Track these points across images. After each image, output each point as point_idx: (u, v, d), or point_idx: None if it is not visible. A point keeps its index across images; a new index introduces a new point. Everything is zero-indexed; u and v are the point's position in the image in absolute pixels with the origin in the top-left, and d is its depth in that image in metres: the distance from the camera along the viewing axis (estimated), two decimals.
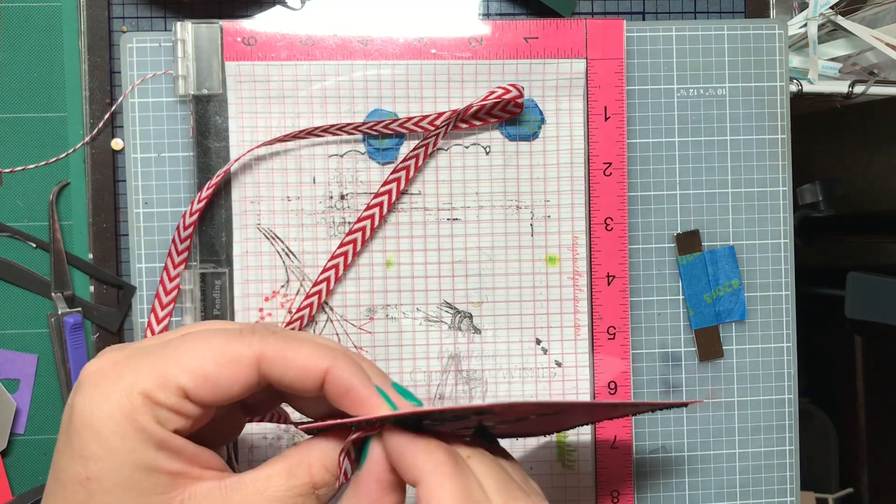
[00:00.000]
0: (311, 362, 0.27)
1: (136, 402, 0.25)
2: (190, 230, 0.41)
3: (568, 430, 0.42)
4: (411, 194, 0.43)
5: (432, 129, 0.42)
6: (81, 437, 0.25)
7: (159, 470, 0.25)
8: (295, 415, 0.33)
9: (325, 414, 0.30)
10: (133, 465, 0.25)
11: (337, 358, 0.27)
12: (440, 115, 0.41)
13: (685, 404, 0.38)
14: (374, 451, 0.27)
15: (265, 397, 0.31)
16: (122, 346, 0.28)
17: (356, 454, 0.28)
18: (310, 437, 0.29)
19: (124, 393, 0.25)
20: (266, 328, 0.28)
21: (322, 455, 0.28)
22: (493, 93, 0.41)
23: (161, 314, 0.41)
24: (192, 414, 0.26)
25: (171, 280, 0.41)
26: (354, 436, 0.28)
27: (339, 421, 0.28)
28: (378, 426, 0.28)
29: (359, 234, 0.42)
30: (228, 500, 0.26)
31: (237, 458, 0.42)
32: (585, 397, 0.43)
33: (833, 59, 0.51)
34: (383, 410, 0.27)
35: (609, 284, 0.43)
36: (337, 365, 0.27)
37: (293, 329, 0.35)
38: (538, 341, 0.43)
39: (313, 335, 0.29)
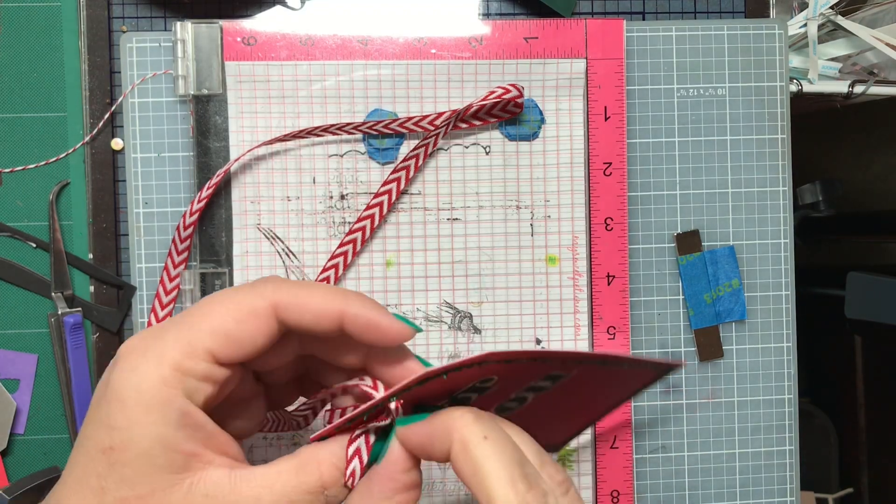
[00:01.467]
0: (324, 303, 0.28)
1: (165, 373, 0.26)
2: (190, 230, 0.41)
3: (571, 436, 0.41)
4: (411, 194, 0.43)
5: (432, 128, 0.42)
6: (110, 407, 0.26)
7: (175, 448, 0.26)
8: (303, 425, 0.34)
9: (357, 366, 0.30)
10: (152, 438, 0.26)
11: (349, 297, 0.28)
12: (440, 114, 0.41)
13: (676, 364, 0.37)
14: (393, 449, 0.28)
15: (290, 375, 0.31)
16: (152, 326, 0.28)
17: (368, 456, 0.28)
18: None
19: (153, 364, 0.26)
20: (277, 278, 0.29)
21: (332, 454, 0.28)
22: (492, 92, 0.41)
23: (161, 314, 0.41)
24: (220, 378, 0.27)
25: (171, 280, 0.41)
26: (359, 431, 0.28)
27: (349, 416, 0.28)
28: (388, 413, 0.28)
29: (359, 234, 0.42)
30: (236, 490, 0.26)
31: None
32: None
33: (833, 59, 0.51)
34: (406, 339, 0.28)
35: (609, 284, 0.43)
36: (350, 303, 0.28)
37: None
38: (538, 341, 0.43)
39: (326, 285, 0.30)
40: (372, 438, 0.29)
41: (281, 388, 0.32)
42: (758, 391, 0.45)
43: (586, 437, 0.43)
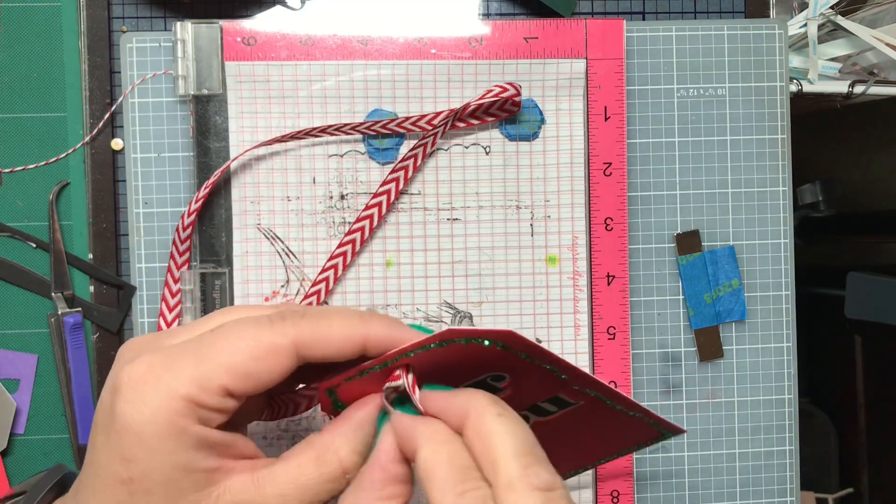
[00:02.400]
0: (347, 334, 0.27)
1: (178, 405, 0.26)
2: (189, 230, 0.41)
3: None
4: (411, 194, 0.43)
5: (430, 128, 0.42)
6: (122, 439, 0.26)
7: (197, 469, 0.26)
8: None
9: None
10: (172, 465, 0.26)
11: (371, 322, 0.28)
12: (438, 114, 0.41)
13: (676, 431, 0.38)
14: (384, 439, 0.28)
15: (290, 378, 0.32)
16: (152, 344, 0.28)
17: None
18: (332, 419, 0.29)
19: (165, 398, 0.26)
20: (294, 312, 0.28)
21: (348, 438, 0.28)
22: (490, 91, 0.41)
23: (170, 317, 0.41)
24: (232, 408, 0.27)
25: (175, 282, 0.41)
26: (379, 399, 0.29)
27: (358, 367, 0.28)
28: (405, 366, 0.28)
29: (358, 234, 0.42)
30: (262, 493, 0.27)
31: None
32: None
33: (833, 59, 0.51)
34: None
35: (609, 284, 0.43)
36: (373, 328, 0.28)
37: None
38: (538, 341, 0.43)
39: (338, 307, 0.29)
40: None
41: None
42: (758, 391, 0.45)
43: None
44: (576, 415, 0.33)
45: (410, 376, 0.28)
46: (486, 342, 0.28)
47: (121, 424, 0.26)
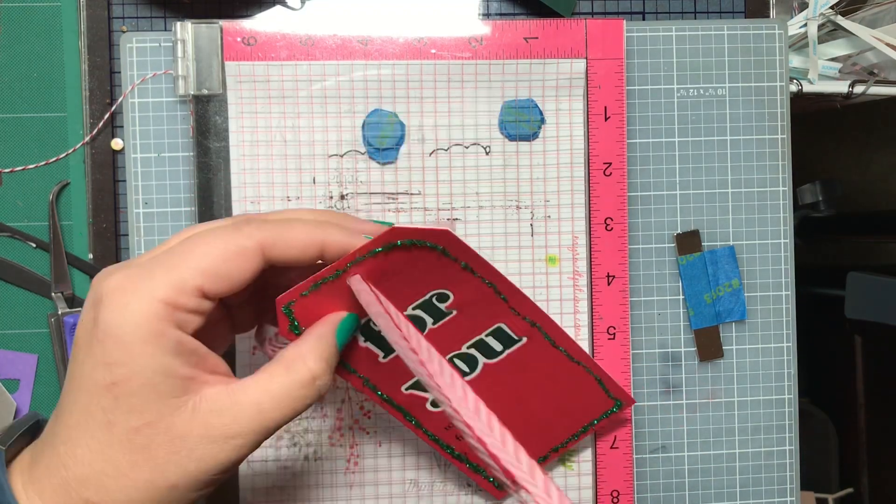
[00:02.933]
0: (307, 239, 0.30)
1: (157, 309, 0.27)
2: None
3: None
4: (411, 194, 0.43)
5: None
6: (105, 346, 0.27)
7: (175, 374, 0.27)
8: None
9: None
10: (153, 369, 0.27)
11: (328, 228, 0.31)
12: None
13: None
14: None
15: (251, 311, 0.34)
16: (125, 263, 0.29)
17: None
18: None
19: (145, 302, 0.27)
20: (257, 218, 0.31)
21: (312, 347, 0.30)
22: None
23: None
24: (207, 310, 0.29)
25: None
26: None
27: (316, 275, 0.31)
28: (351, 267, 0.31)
29: None
30: (236, 401, 0.28)
31: None
32: None
33: (833, 59, 0.51)
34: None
35: (609, 284, 0.43)
36: (330, 235, 0.31)
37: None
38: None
39: (298, 211, 0.32)
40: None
41: (240, 308, 0.34)
42: (758, 391, 0.45)
43: (586, 437, 0.43)
44: (522, 360, 0.34)
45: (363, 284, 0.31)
46: (428, 244, 0.31)
47: (103, 332, 0.27)
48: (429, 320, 0.35)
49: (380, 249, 0.31)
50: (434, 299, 0.34)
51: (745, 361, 0.45)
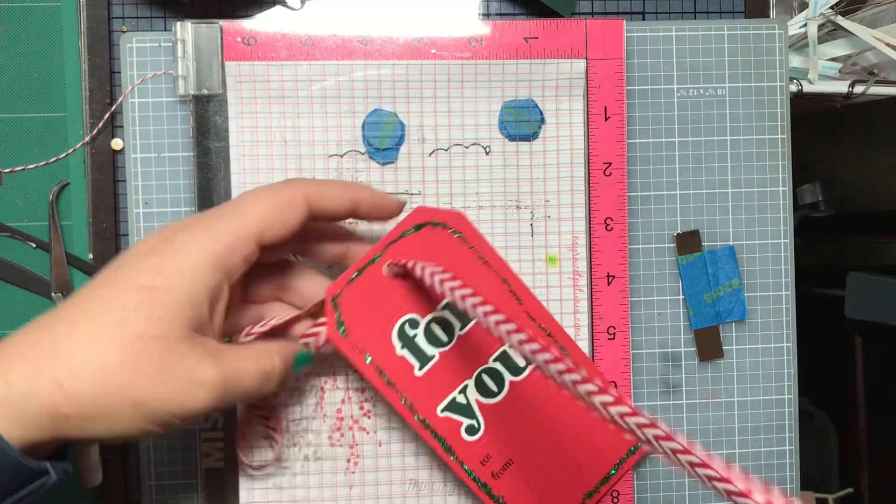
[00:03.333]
0: (343, 193, 0.35)
1: (220, 249, 0.31)
2: None
3: None
4: (411, 194, 0.43)
5: None
6: (162, 256, 0.30)
7: (200, 311, 0.31)
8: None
9: (334, 258, 0.38)
10: (189, 295, 0.30)
11: (358, 187, 0.36)
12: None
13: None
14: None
15: (269, 287, 0.38)
16: (205, 212, 0.33)
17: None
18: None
19: (212, 239, 0.31)
20: (299, 179, 0.37)
21: (281, 350, 0.35)
22: None
23: None
24: (254, 259, 0.33)
25: None
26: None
27: (355, 265, 0.36)
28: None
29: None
30: (224, 359, 0.31)
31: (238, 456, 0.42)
32: None
33: (833, 59, 0.51)
34: (401, 209, 0.37)
35: (609, 284, 0.43)
36: (361, 190, 0.35)
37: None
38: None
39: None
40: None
41: (260, 279, 0.37)
42: (758, 391, 0.45)
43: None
44: (545, 380, 0.35)
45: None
46: (449, 228, 0.36)
47: (170, 247, 0.31)
48: (456, 325, 0.35)
49: (410, 231, 0.34)
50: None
51: (745, 361, 0.45)
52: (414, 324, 0.37)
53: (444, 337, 0.38)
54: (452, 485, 0.43)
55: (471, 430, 0.38)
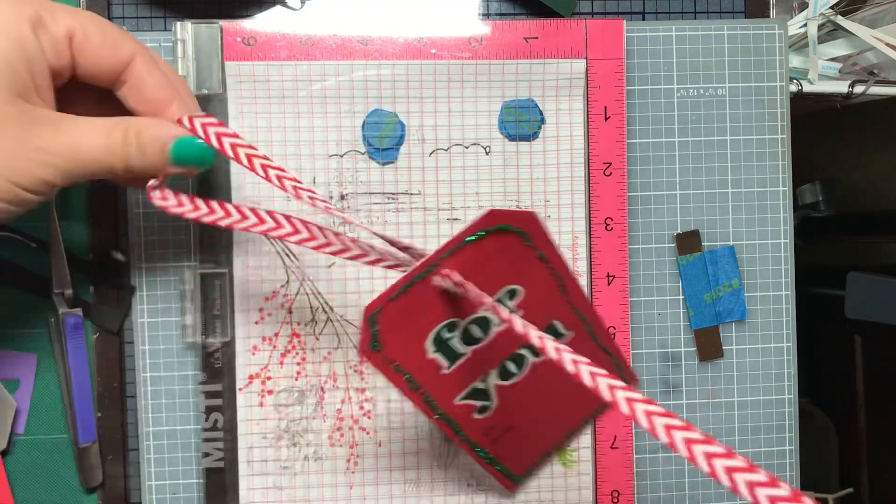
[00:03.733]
0: (164, 85, 0.34)
1: (30, 14, 0.30)
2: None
3: (570, 435, 0.42)
4: (411, 194, 0.43)
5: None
6: None
7: (17, 75, 0.30)
8: None
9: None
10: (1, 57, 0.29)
11: (185, 93, 0.35)
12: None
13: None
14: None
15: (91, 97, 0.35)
16: None
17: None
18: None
19: (22, 6, 0.30)
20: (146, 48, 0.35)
21: (150, 125, 0.33)
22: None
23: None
24: (65, 55, 0.31)
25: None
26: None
27: (403, 279, 0.31)
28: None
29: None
30: (61, 130, 0.31)
31: (238, 457, 0.42)
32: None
33: (833, 59, 0.51)
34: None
35: (609, 284, 0.43)
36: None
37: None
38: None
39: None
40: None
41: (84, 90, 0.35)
42: (758, 391, 0.45)
43: (586, 436, 0.43)
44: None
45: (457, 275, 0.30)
46: (513, 229, 0.31)
47: None
48: (494, 321, 0.34)
49: (473, 238, 0.29)
50: (505, 296, 0.33)
51: (745, 361, 0.45)
52: (452, 327, 0.35)
53: (479, 334, 0.37)
54: (453, 485, 0.43)
55: (483, 410, 0.38)
